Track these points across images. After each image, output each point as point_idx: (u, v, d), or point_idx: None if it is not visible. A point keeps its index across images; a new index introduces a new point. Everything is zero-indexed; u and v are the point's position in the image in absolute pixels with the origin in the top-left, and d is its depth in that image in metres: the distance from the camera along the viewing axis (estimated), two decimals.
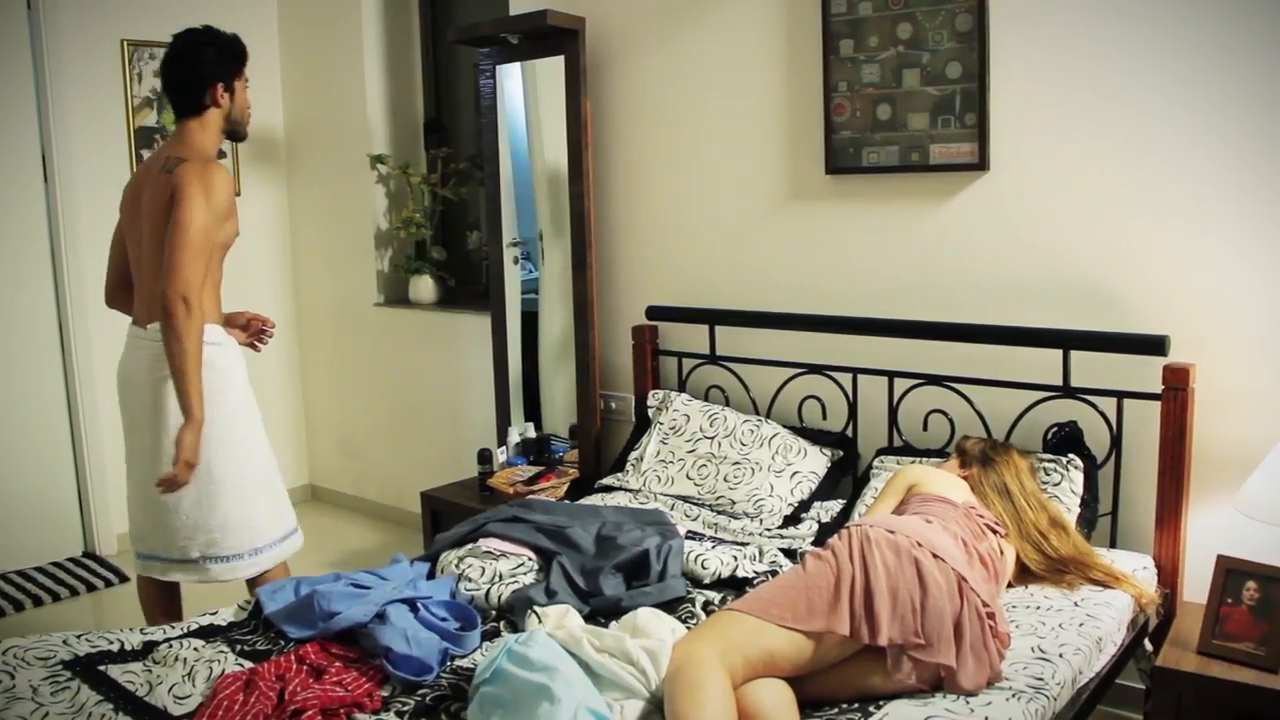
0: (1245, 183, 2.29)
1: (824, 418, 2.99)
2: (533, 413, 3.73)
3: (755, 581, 2.19)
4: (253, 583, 2.60)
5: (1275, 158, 2.25)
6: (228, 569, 2.55)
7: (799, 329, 2.95)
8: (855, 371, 2.88)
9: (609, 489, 3.00)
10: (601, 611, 2.11)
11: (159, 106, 4.09)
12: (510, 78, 3.56)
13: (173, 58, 2.53)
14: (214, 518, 2.51)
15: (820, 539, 2.51)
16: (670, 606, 2.10)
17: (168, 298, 2.33)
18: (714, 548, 2.37)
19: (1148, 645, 2.29)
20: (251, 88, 2.68)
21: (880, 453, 2.78)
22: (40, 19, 3.74)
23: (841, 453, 2.89)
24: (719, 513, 2.78)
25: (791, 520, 2.71)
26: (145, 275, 2.53)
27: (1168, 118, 2.37)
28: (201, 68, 2.51)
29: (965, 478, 2.31)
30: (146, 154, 4.06)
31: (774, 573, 2.24)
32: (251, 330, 2.81)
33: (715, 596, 2.15)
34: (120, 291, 2.70)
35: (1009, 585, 2.22)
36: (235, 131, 2.63)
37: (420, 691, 1.83)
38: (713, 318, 3.12)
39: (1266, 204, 2.28)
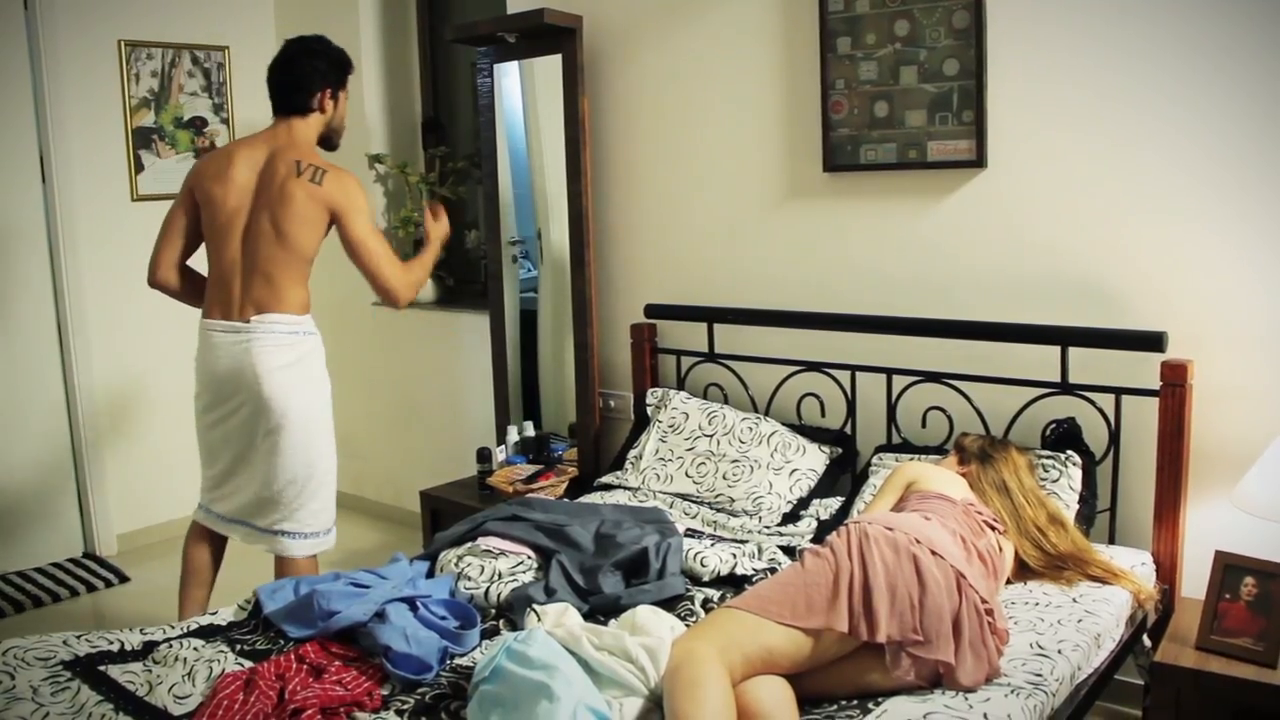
0: (1244, 180, 2.29)
1: (822, 415, 2.99)
2: (532, 411, 3.73)
3: (754, 579, 2.19)
4: (281, 565, 2.67)
5: (1275, 156, 2.25)
6: (307, 544, 2.67)
7: (797, 326, 2.95)
8: (854, 369, 2.88)
9: (608, 487, 3.00)
10: (601, 609, 2.11)
11: (156, 107, 4.09)
12: (508, 76, 3.56)
13: (285, 61, 2.65)
14: (304, 497, 2.62)
15: (819, 536, 2.52)
16: (669, 604, 2.10)
17: (397, 301, 2.65)
18: (713, 545, 2.37)
19: (1146, 641, 2.30)
20: (250, 87, 2.70)
21: (879, 450, 2.78)
22: (38, 20, 3.74)
23: (840, 450, 2.89)
24: (718, 510, 2.78)
25: (790, 518, 2.71)
26: (255, 269, 2.58)
27: (1167, 115, 2.37)
28: (314, 74, 2.63)
29: (964, 474, 2.31)
30: (145, 154, 4.06)
31: (773, 570, 2.25)
32: None
33: (714, 594, 2.16)
34: (175, 274, 2.73)
35: (1008, 582, 2.22)
36: (330, 139, 2.76)
37: (420, 690, 1.84)
38: (711, 315, 3.12)
39: (1266, 202, 2.27)
